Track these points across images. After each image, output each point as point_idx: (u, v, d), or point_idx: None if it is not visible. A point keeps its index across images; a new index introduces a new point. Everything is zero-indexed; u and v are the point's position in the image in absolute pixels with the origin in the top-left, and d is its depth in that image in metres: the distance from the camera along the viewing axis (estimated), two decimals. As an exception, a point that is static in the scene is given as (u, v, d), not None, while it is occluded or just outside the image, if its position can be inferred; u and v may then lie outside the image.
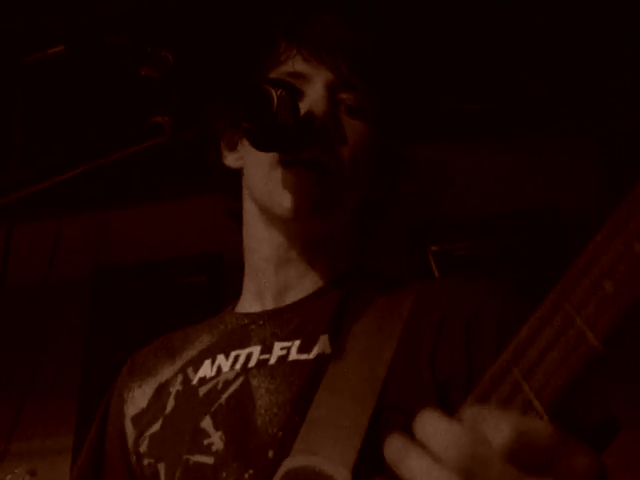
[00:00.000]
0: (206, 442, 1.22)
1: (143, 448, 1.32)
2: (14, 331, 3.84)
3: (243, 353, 1.30)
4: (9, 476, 3.53)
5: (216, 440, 1.21)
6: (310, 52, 1.36)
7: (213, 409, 1.25)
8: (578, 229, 3.72)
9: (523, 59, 3.20)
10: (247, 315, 1.41)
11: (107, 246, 4.06)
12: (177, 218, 3.99)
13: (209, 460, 1.20)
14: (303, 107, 1.30)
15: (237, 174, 1.48)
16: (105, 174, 3.07)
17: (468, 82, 3.26)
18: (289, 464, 1.09)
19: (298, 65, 1.37)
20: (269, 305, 1.39)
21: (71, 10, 2.15)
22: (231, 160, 1.48)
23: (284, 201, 1.32)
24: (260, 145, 1.29)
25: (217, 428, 1.23)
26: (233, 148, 1.47)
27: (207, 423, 1.24)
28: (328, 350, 1.22)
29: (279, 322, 1.33)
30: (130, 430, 1.39)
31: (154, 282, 4.05)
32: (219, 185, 1.63)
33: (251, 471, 1.15)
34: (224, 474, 1.17)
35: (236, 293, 3.80)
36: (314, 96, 1.33)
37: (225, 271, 3.90)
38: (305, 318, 1.31)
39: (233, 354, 1.31)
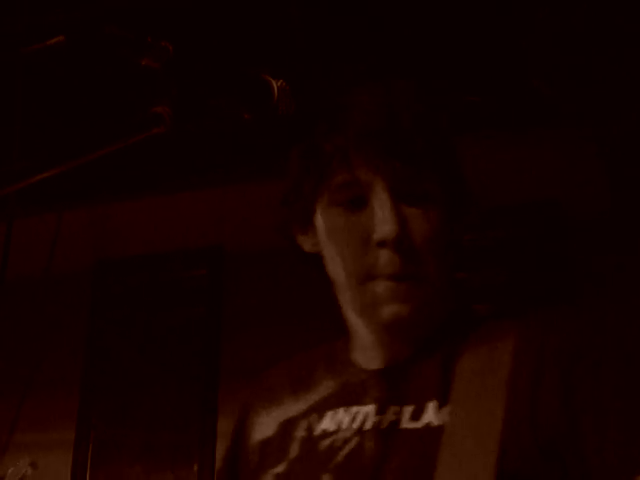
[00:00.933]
0: None
1: None
2: (15, 325, 3.83)
3: (361, 411, 1.27)
4: (11, 468, 3.55)
5: None
6: (365, 162, 1.26)
7: (332, 466, 1.23)
8: (578, 223, 3.72)
9: (525, 52, 3.19)
10: (363, 370, 1.35)
11: (108, 239, 4.07)
12: (178, 211, 3.98)
13: None
14: (373, 220, 1.24)
15: (316, 256, 1.39)
16: (106, 166, 3.07)
17: (469, 75, 3.25)
18: None
19: (355, 173, 1.26)
20: (382, 362, 1.33)
21: (71, 3, 2.15)
22: (307, 245, 1.40)
23: (377, 318, 1.27)
24: None
25: None
26: (305, 232, 1.39)
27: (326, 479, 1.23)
28: (435, 420, 1.18)
29: (391, 383, 1.28)
30: (255, 455, 1.39)
31: (154, 276, 4.06)
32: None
33: None
34: None
35: (237, 285, 3.81)
36: (380, 213, 1.24)
37: (226, 264, 3.90)
38: (414, 381, 1.26)
39: (352, 410, 1.28)
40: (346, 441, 1.25)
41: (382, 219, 1.23)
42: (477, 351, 1.24)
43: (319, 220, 1.32)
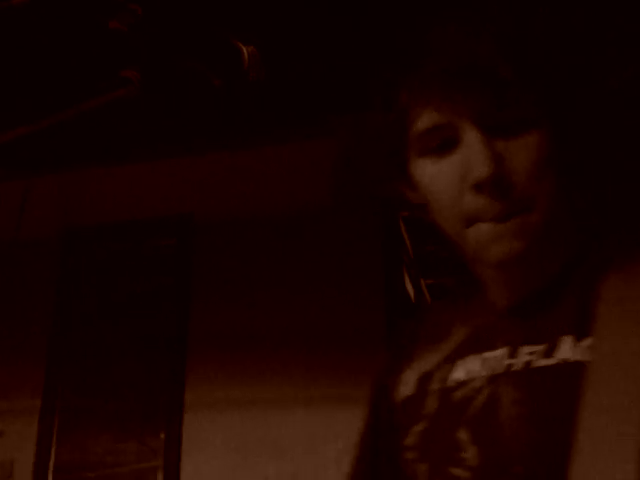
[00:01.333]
0: (462, 455, 1.17)
1: (408, 441, 1.27)
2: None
3: (492, 356, 1.21)
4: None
5: (471, 455, 1.16)
6: (444, 100, 1.17)
7: (467, 419, 1.19)
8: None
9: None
10: (494, 310, 1.29)
11: (77, 207, 4.03)
12: (148, 179, 3.97)
13: (465, 475, 1.17)
14: (466, 162, 1.16)
15: (424, 207, 1.28)
16: (77, 133, 3.04)
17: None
18: None
19: (437, 115, 1.18)
20: (511, 300, 1.26)
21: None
22: (413, 197, 1.30)
23: (488, 258, 1.20)
24: None
25: (472, 442, 1.17)
26: (410, 186, 1.27)
27: (462, 434, 1.19)
28: (572, 355, 1.11)
29: (522, 322, 1.22)
30: (398, 415, 1.34)
31: (124, 243, 4.03)
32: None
33: None
34: None
35: (207, 255, 3.81)
36: (472, 154, 1.15)
37: (196, 233, 3.89)
38: (547, 316, 1.19)
39: (483, 356, 1.23)
40: (479, 390, 1.20)
41: (474, 160, 1.15)
42: (623, 278, 1.16)
43: (415, 171, 1.24)
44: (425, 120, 1.19)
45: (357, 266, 3.68)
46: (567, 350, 1.12)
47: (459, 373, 1.24)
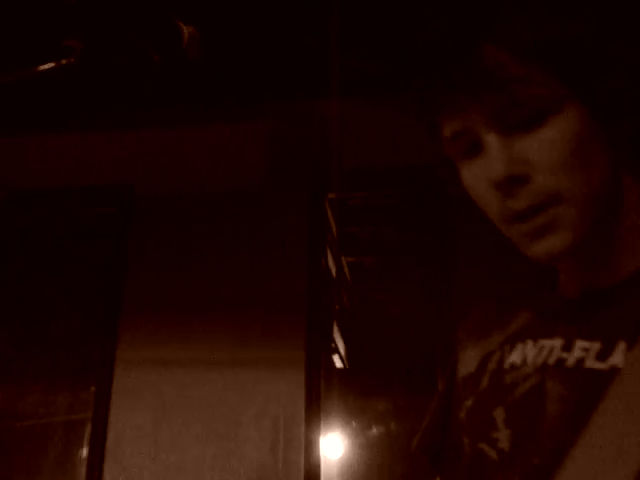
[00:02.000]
0: (494, 435, 1.14)
1: (461, 415, 1.25)
2: None
3: (547, 345, 1.15)
4: None
5: (503, 437, 1.12)
6: (457, 105, 1.12)
7: (508, 402, 1.15)
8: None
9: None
10: (560, 297, 1.22)
11: (18, 172, 3.97)
12: (91, 149, 3.93)
13: (494, 455, 1.13)
14: (486, 162, 1.10)
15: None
16: (17, 100, 2.99)
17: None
18: None
19: (457, 122, 1.14)
20: (578, 289, 1.19)
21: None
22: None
23: (533, 255, 1.12)
24: None
25: (507, 424, 1.13)
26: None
27: (499, 414, 1.15)
28: (622, 362, 1.03)
29: (583, 316, 1.14)
30: (459, 390, 1.30)
31: (63, 209, 3.99)
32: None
33: (517, 476, 1.08)
34: (502, 476, 1.11)
35: (145, 225, 3.79)
36: (487, 154, 1.11)
37: (136, 203, 3.86)
38: (611, 314, 1.11)
39: (539, 344, 1.16)
40: (527, 377, 1.15)
41: (492, 162, 1.10)
42: None
43: (462, 177, 1.18)
44: (447, 128, 1.15)
45: (284, 242, 3.69)
46: (619, 356, 1.04)
47: (515, 357, 1.20)
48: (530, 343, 1.19)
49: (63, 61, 1.16)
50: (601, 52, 1.12)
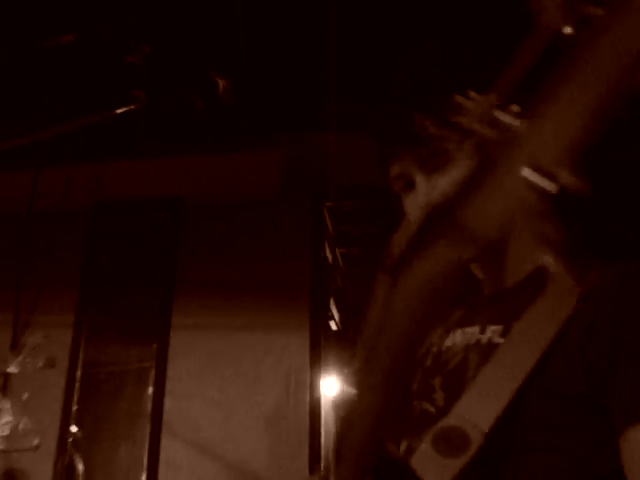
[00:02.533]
0: (433, 396, 1.16)
1: (413, 386, 1.25)
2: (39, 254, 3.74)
3: (469, 331, 1.17)
4: (30, 338, 3.49)
5: (439, 397, 1.14)
6: (396, 155, 1.20)
7: (443, 371, 1.17)
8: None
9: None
10: (480, 298, 1.27)
11: (104, 189, 3.98)
12: (153, 171, 3.92)
13: (432, 410, 1.15)
14: (416, 197, 1.19)
15: None
16: (106, 134, 3.00)
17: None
18: (444, 422, 0.99)
19: (397, 166, 1.21)
20: (490, 289, 1.25)
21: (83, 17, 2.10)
22: None
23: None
24: None
25: (442, 388, 1.15)
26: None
27: (437, 382, 1.17)
28: None
29: (492, 308, 1.18)
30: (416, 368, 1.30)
31: (135, 215, 4.01)
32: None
33: None
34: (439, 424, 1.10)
35: (191, 226, 3.78)
36: (416, 189, 1.19)
37: (184, 211, 3.87)
38: (507, 307, 1.14)
39: (465, 331, 1.19)
40: (456, 354, 1.17)
41: (418, 195, 1.18)
42: (555, 286, 1.10)
43: (404, 206, 1.26)
44: (392, 172, 1.23)
45: (293, 238, 3.70)
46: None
47: (449, 342, 1.22)
48: (459, 331, 1.21)
49: (132, 107, 1.17)
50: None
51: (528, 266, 1.19)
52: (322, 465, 3.26)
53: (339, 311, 4.14)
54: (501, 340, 1.08)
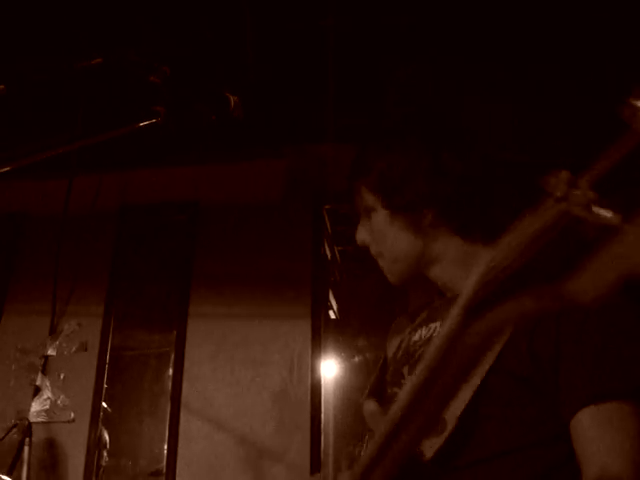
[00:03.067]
0: (402, 382, 1.20)
1: (388, 376, 1.30)
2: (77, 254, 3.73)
3: (432, 326, 1.23)
4: (66, 325, 3.50)
5: (407, 382, 1.16)
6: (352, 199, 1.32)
7: (411, 361, 1.22)
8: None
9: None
10: (440, 299, 1.32)
11: (126, 193, 3.97)
12: (172, 178, 3.92)
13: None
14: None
15: None
16: (127, 146, 3.00)
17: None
18: None
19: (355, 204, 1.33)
20: (449, 293, 1.29)
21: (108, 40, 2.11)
22: None
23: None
24: None
25: (409, 374, 1.20)
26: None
27: (405, 370, 1.22)
28: None
29: (450, 307, 1.24)
30: (387, 364, 1.36)
31: (156, 217, 3.99)
32: None
33: None
34: None
35: (205, 227, 3.77)
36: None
37: (200, 213, 3.87)
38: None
39: (428, 326, 1.25)
40: (421, 346, 1.21)
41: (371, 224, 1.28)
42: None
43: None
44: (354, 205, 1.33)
45: (295, 238, 3.69)
46: None
47: (416, 337, 1.26)
48: (424, 328, 1.26)
49: (153, 120, 1.16)
50: (398, 182, 1.25)
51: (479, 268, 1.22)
52: (322, 439, 3.27)
53: (337, 302, 4.15)
54: None
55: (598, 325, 1.00)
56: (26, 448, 2.91)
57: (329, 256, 3.97)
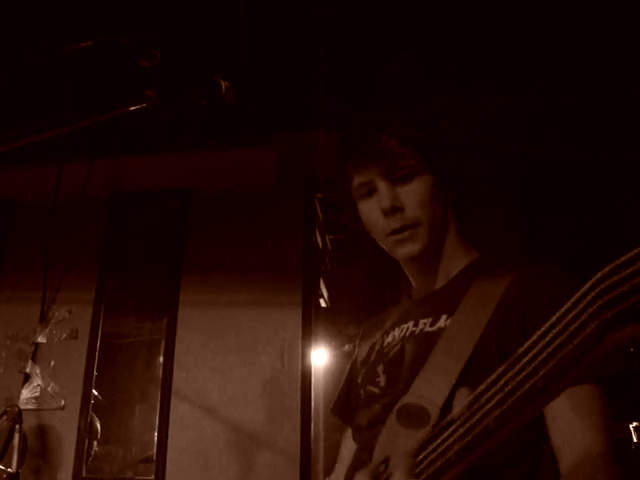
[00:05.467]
0: (377, 380, 1.22)
1: (360, 379, 1.32)
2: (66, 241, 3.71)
3: (405, 326, 1.25)
4: (56, 313, 3.49)
5: (382, 379, 1.21)
6: (365, 166, 1.26)
7: (385, 360, 1.23)
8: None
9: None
10: (411, 301, 1.34)
11: (118, 180, 3.96)
12: (162, 165, 3.91)
13: (376, 391, 1.21)
14: (378, 199, 1.25)
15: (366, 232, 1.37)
16: (119, 133, 2.99)
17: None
18: (404, 400, 1.06)
19: (363, 176, 1.26)
20: (422, 293, 1.31)
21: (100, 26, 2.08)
22: (359, 226, 1.36)
23: (399, 255, 1.26)
24: None
25: (384, 372, 1.22)
26: (359, 222, 1.34)
27: (380, 368, 1.23)
28: (444, 325, 1.14)
29: (424, 306, 1.25)
30: (359, 367, 1.38)
31: (147, 203, 3.97)
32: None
33: (389, 397, 1.14)
34: (381, 400, 1.17)
35: (196, 214, 3.76)
36: (380, 194, 1.24)
37: (191, 200, 3.85)
38: (436, 303, 1.22)
39: (401, 327, 1.26)
40: (395, 345, 1.23)
41: (381, 199, 1.23)
42: (483, 283, 1.18)
43: (360, 210, 1.31)
44: (356, 180, 1.28)
45: (287, 226, 3.67)
46: (443, 322, 1.15)
47: (389, 339, 1.29)
48: (397, 329, 1.28)
49: (144, 104, 1.15)
50: (441, 153, 1.28)
51: (456, 269, 1.28)
52: (312, 426, 3.28)
53: (328, 290, 4.16)
54: (431, 329, 1.17)
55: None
56: (16, 435, 2.90)
57: (320, 244, 3.97)
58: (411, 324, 1.23)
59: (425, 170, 1.24)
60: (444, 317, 1.16)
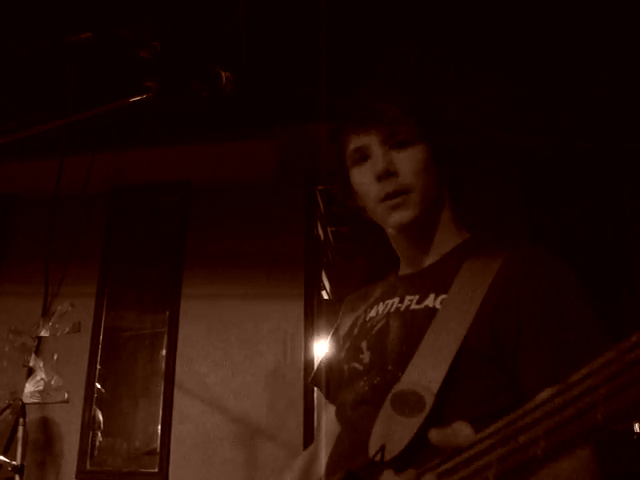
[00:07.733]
0: (360, 356, 1.20)
1: (343, 354, 1.29)
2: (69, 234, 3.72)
3: (390, 302, 1.23)
4: (59, 306, 3.49)
5: (366, 356, 1.18)
6: (362, 130, 1.24)
7: (369, 336, 1.21)
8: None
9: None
10: (398, 277, 1.31)
11: (119, 173, 3.96)
12: (164, 157, 3.91)
13: (360, 367, 1.19)
14: (372, 164, 1.23)
15: (361, 208, 1.34)
16: (120, 126, 2.98)
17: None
18: (398, 387, 1.03)
19: (359, 140, 1.25)
20: (409, 270, 1.29)
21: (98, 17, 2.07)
22: (354, 202, 1.34)
23: (390, 223, 1.23)
24: None
25: (368, 349, 1.19)
26: (353, 198, 1.32)
27: (364, 344, 1.21)
28: (432, 304, 1.12)
29: (411, 283, 1.23)
30: (342, 341, 1.35)
31: (148, 196, 3.98)
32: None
33: (379, 378, 1.12)
34: (366, 378, 1.15)
35: (197, 207, 3.77)
36: (374, 159, 1.22)
37: (192, 192, 3.85)
38: (424, 281, 1.20)
39: (386, 302, 1.25)
40: (379, 321, 1.22)
41: (376, 163, 1.21)
42: (475, 262, 1.16)
43: (352, 179, 1.29)
44: (351, 145, 1.27)
45: (288, 218, 3.67)
46: (431, 301, 1.13)
47: (372, 313, 1.27)
48: (381, 304, 1.27)
49: (144, 96, 1.15)
50: (438, 119, 1.26)
51: (447, 248, 1.26)
52: (315, 418, 3.28)
53: (330, 282, 4.15)
54: (418, 307, 1.15)
55: (559, 308, 1.02)
56: (20, 428, 2.92)
57: (322, 237, 3.97)
58: (397, 300, 1.22)
59: (422, 140, 1.23)
60: (432, 295, 1.15)
